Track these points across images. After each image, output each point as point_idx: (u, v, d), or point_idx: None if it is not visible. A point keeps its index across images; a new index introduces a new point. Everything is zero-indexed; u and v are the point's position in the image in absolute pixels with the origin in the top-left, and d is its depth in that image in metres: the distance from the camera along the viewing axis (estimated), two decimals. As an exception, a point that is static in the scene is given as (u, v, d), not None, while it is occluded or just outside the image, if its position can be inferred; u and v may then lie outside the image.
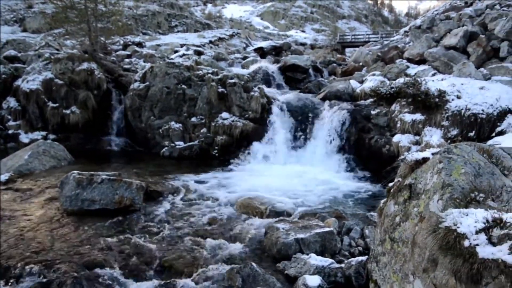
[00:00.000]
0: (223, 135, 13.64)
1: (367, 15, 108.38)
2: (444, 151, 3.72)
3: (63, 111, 14.62)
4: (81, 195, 7.20)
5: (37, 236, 6.11)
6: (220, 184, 10.09)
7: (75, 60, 15.51)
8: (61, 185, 7.43)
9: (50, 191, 8.47)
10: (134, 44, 27.96)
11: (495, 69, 13.12)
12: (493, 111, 10.13)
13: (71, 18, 17.96)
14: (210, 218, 7.42)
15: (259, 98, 14.06)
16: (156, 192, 8.55)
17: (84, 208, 7.14)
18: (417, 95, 11.11)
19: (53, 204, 7.63)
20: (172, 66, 14.98)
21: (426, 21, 21.13)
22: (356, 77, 17.14)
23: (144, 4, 54.46)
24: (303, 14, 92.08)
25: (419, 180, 3.87)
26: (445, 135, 10.29)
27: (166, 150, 13.54)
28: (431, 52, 15.75)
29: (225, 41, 38.51)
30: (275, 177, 10.79)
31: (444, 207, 3.26)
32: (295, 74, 20.67)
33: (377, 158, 11.77)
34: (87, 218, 6.98)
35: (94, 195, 7.25)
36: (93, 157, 13.15)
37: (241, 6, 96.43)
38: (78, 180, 7.36)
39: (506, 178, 3.67)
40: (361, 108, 13.29)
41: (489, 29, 15.82)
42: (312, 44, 48.14)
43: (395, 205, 4.15)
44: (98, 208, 7.20)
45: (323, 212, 7.56)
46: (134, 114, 14.68)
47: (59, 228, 6.48)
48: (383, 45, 24.73)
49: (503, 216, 2.80)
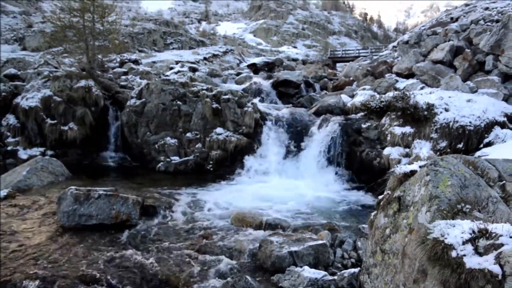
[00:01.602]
0: (218, 150, 13.64)
1: (357, 31, 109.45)
2: (431, 164, 3.75)
3: (61, 127, 14.60)
4: (79, 210, 7.16)
5: (34, 251, 6.06)
6: (214, 198, 10.05)
7: (73, 77, 15.54)
8: (58, 200, 7.38)
9: (47, 207, 8.40)
10: (131, 62, 28.10)
11: (481, 82, 13.25)
12: (481, 123, 10.22)
13: (69, 37, 18.03)
14: (205, 232, 7.39)
15: (253, 113, 14.12)
16: (152, 207, 8.50)
17: (81, 223, 7.10)
18: (406, 109, 11.19)
19: (50, 220, 7.57)
20: (168, 82, 15.03)
21: (414, 37, 21.36)
22: (347, 91, 17.26)
23: (140, 22, 54.80)
24: (294, 30, 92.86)
25: (408, 192, 3.89)
26: (434, 147, 10.36)
27: (162, 165, 13.52)
28: (419, 66, 15.90)
29: (219, 57, 38.73)
30: (269, 191, 10.78)
31: (432, 219, 3.28)
32: (287, 89, 20.77)
33: (368, 171, 11.80)
34: (84, 233, 6.93)
35: (91, 210, 7.21)
36: (90, 172, 13.09)
37: (235, 24, 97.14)
38: (75, 195, 7.31)
39: (491, 189, 3.70)
40: (352, 121, 13.36)
41: (474, 44, 16.01)
42: (304, 59, 48.53)
43: (385, 217, 4.16)
44: (95, 223, 7.15)
45: (316, 225, 7.56)
46: (130, 130, 14.68)
47: (56, 244, 6.43)
48: (373, 60, 24.95)
49: (488, 226, 2.82)
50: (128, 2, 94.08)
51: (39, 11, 57.46)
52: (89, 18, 17.65)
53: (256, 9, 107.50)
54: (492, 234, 2.74)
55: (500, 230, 2.75)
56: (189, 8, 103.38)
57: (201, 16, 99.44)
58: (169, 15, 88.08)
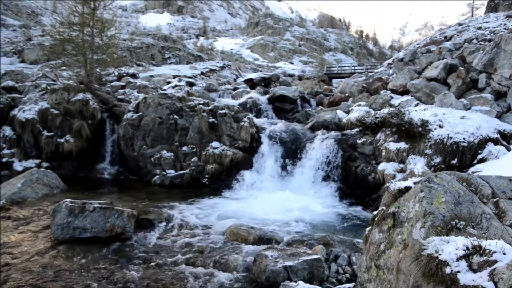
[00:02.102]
0: (214, 164, 13.62)
1: (353, 48, 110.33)
2: (425, 180, 3.75)
3: (57, 139, 14.57)
4: (73, 223, 7.10)
5: (28, 265, 6.00)
6: (210, 212, 10.02)
7: (71, 90, 15.56)
8: (53, 213, 7.33)
9: (42, 219, 8.34)
10: (128, 75, 28.17)
11: (475, 100, 13.34)
12: (474, 140, 10.26)
13: (68, 51, 18.08)
14: (200, 246, 7.33)
15: (249, 128, 14.13)
16: (147, 220, 8.45)
17: (75, 236, 7.04)
18: (401, 125, 11.23)
19: (44, 232, 7.51)
20: (165, 97, 15.05)
21: (408, 54, 21.53)
22: (343, 107, 17.31)
23: (139, 37, 55.08)
24: (291, 46, 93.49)
25: (402, 208, 3.88)
26: (428, 163, 10.38)
27: (158, 179, 13.46)
28: (414, 83, 15.99)
29: (216, 72, 38.88)
30: (264, 205, 10.74)
31: (426, 235, 3.26)
32: (283, 104, 20.84)
33: (363, 186, 11.79)
34: (78, 246, 6.87)
35: (85, 223, 7.16)
36: (86, 185, 13.02)
37: (232, 39, 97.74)
38: (70, 208, 7.27)
39: (485, 206, 3.69)
40: (347, 137, 13.38)
41: (468, 62, 16.15)
42: (300, 75, 48.71)
43: (379, 233, 4.14)
44: (90, 236, 7.09)
45: (311, 239, 7.51)
46: (127, 143, 14.65)
47: (50, 257, 6.36)
48: (368, 76, 25.13)
49: (482, 243, 2.81)
50: (127, 17, 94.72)
51: (39, 25, 57.79)
52: (88, 32, 17.73)
53: (254, 26, 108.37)
54: (486, 250, 2.73)
55: (494, 246, 2.74)
56: (187, 24, 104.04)
57: (199, 31, 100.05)
58: (167, 30, 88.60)
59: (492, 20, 29.90)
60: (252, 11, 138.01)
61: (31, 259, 6.24)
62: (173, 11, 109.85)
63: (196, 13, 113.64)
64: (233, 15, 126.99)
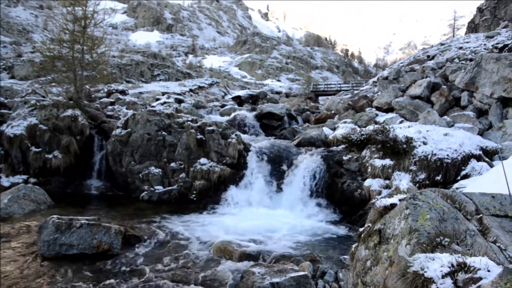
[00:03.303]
0: (201, 180, 13.53)
1: (339, 66, 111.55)
2: (410, 197, 3.75)
3: (45, 155, 14.37)
4: (59, 239, 6.97)
5: (13, 282, 5.85)
6: (197, 228, 9.92)
7: (60, 107, 15.41)
8: (39, 229, 7.18)
9: (28, 236, 8.18)
10: (118, 92, 28.07)
11: (457, 117, 13.49)
12: (458, 156, 10.34)
13: (58, 67, 17.96)
14: (187, 262, 7.24)
15: (236, 145, 14.10)
16: (135, 237, 8.33)
17: (62, 253, 6.90)
18: (386, 142, 11.29)
19: (30, 249, 7.35)
20: (153, 113, 15.00)
21: (393, 73, 21.79)
22: (329, 124, 17.40)
23: (128, 54, 55.10)
24: (278, 64, 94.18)
25: (388, 225, 3.87)
26: (413, 179, 10.41)
27: (146, 194, 13.32)
28: (398, 101, 16.15)
29: (204, 89, 38.94)
30: (252, 221, 10.66)
31: (412, 252, 3.25)
32: (270, 121, 20.90)
33: (349, 202, 11.77)
34: (64, 263, 6.72)
35: (72, 239, 7.02)
36: (73, 201, 12.82)
37: (220, 57, 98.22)
38: (57, 224, 7.13)
39: (469, 223, 3.70)
40: (333, 154, 13.41)
41: (450, 80, 16.38)
42: (287, 92, 49.02)
43: (366, 249, 4.12)
44: (76, 253, 6.96)
45: (298, 256, 7.46)
46: (115, 159, 14.51)
47: (35, 274, 6.22)
48: (354, 94, 25.36)
49: (467, 260, 2.80)
50: (117, 35, 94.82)
51: (30, 42, 57.55)
52: (78, 49, 17.66)
53: (242, 44, 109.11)
54: (471, 267, 2.72)
55: (478, 263, 2.73)
56: (176, 42, 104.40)
57: (188, 49, 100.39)
58: (157, 47, 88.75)
59: (473, 40, 30.50)
60: (240, 30, 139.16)
61: (16, 276, 6.09)
62: (163, 29, 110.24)
63: (185, 32, 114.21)
64: (221, 34, 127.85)
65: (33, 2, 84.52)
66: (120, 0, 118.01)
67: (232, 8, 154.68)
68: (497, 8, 52.92)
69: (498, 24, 46.02)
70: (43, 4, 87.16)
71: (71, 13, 17.87)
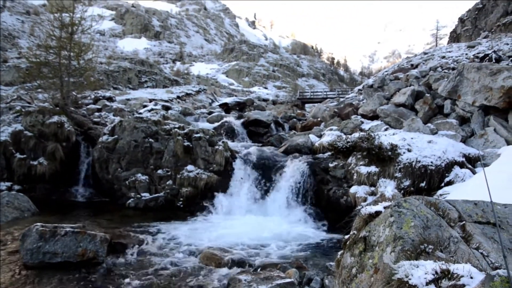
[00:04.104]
0: (188, 187, 13.45)
1: (325, 74, 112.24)
2: (395, 205, 3.76)
3: (30, 162, 14.15)
4: (43, 248, 6.84)
5: (-5, 291, 5.73)
6: (184, 235, 9.83)
7: (46, 113, 15.23)
8: (22, 237, 7.04)
9: (10, 244, 8.01)
10: (105, 99, 27.83)
11: (441, 124, 13.63)
12: (441, 163, 10.42)
13: (44, 73, 17.75)
14: (173, 270, 7.17)
15: (223, 152, 14.06)
16: (120, 244, 8.22)
17: (45, 261, 6.77)
18: (372, 149, 11.34)
19: (13, 257, 7.20)
20: (141, 120, 14.90)
21: (378, 81, 21.96)
22: (315, 131, 17.43)
23: (116, 61, 54.80)
24: (265, 72, 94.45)
25: (373, 232, 3.87)
26: (398, 185, 10.46)
27: (132, 202, 13.19)
28: (383, 109, 16.26)
29: (192, 96, 38.81)
30: (238, 228, 10.62)
31: (396, 259, 3.25)
32: (257, 128, 20.88)
33: (335, 209, 11.79)
34: (48, 271, 6.60)
35: (56, 248, 6.90)
36: (58, 208, 12.64)
37: (208, 64, 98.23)
38: (40, 232, 7.01)
39: (452, 230, 3.71)
40: (319, 161, 13.43)
41: (433, 89, 16.57)
42: (274, 100, 49.09)
43: (351, 257, 4.11)
44: (60, 261, 6.83)
45: (284, 263, 7.43)
46: (101, 165, 14.36)
47: (17, 283, 6.09)
48: (339, 102, 25.50)
49: (450, 267, 2.81)
50: (105, 41, 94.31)
51: (16, 47, 56.88)
52: (65, 56, 17.49)
53: (229, 52, 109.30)
54: (454, 275, 2.73)
55: (462, 270, 2.74)
56: (164, 49, 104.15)
57: (176, 56, 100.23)
58: (144, 54, 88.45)
59: (455, 50, 30.98)
60: (227, 37, 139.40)
61: (-2, 285, 5.96)
62: (151, 36, 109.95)
63: (173, 39, 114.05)
64: (209, 41, 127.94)
65: (19, 7, 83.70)
66: (108, 7, 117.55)
67: (219, 16, 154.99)
68: (477, 18, 53.82)
69: (479, 34, 46.77)
70: (30, 10, 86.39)
71: (58, 20, 17.71)
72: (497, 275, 2.45)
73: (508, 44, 25.85)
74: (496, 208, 4.04)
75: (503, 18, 45.41)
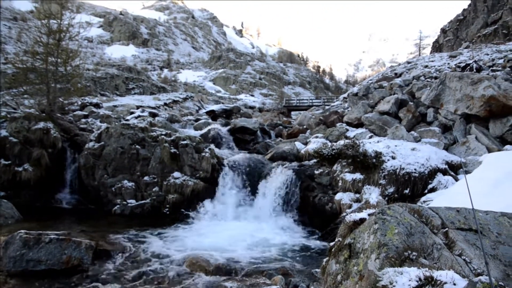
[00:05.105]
0: (175, 194, 13.34)
1: (311, 82, 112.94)
2: (379, 212, 3.76)
3: (15, 168, 13.89)
4: (27, 255, 6.69)
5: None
6: (170, 241, 9.74)
7: (31, 119, 15.00)
8: (5, 245, 6.89)
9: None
10: (92, 105, 27.57)
11: (424, 132, 13.75)
12: (424, 170, 10.50)
13: (31, 79, 17.51)
14: (159, 277, 7.07)
15: (210, 159, 14.00)
16: (106, 251, 8.10)
17: (29, 269, 6.62)
18: (356, 156, 11.38)
19: (-4, 265, 7.04)
20: (127, 127, 14.77)
21: (362, 89, 22.15)
22: (301, 139, 17.47)
23: (103, 67, 54.47)
24: (252, 80, 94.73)
25: (358, 240, 3.87)
26: (383, 192, 10.50)
27: (118, 208, 13.02)
28: (368, 116, 16.36)
29: (179, 103, 38.66)
30: (224, 235, 10.55)
31: (381, 266, 3.24)
32: (244, 135, 20.86)
33: (321, 215, 11.78)
34: (31, 279, 6.46)
35: (40, 255, 6.76)
36: (44, 215, 12.43)
37: (195, 72, 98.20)
38: (24, 239, 6.86)
39: (435, 236, 3.73)
40: (305, 168, 13.44)
41: (417, 97, 16.74)
42: (260, 107, 49.21)
43: (336, 264, 4.10)
44: (44, 269, 6.69)
45: (270, 270, 7.39)
46: (87, 172, 14.17)
47: (1, 291, 5.96)
48: (325, 109, 25.65)
49: (434, 274, 2.82)
50: (93, 48, 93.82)
51: (2, 53, 56.19)
52: (52, 62, 17.30)
53: (216, 59, 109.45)
54: (437, 281, 2.74)
55: (445, 277, 2.75)
56: (152, 56, 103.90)
57: (164, 63, 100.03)
58: (132, 61, 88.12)
59: (437, 59, 31.43)
60: (215, 45, 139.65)
61: (-20, 294, 5.82)
62: (139, 43, 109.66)
63: (161, 46, 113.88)
64: (196, 49, 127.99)
65: (7, 13, 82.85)
66: (97, 14, 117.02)
67: (207, 25, 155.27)
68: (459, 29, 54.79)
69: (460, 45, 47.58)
70: (17, 16, 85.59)
71: (46, 26, 17.53)
72: (480, 281, 2.46)
73: (488, 55, 26.31)
74: (477, 215, 4.07)
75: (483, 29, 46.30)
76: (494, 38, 42.68)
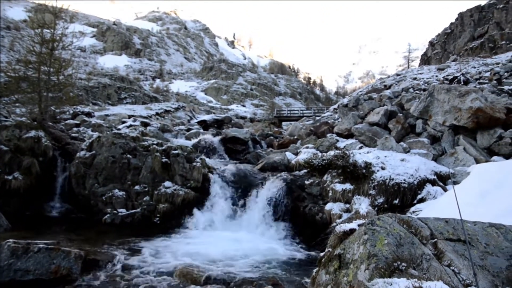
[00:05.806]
0: (166, 203, 13.23)
1: (301, 93, 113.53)
2: (369, 223, 3.75)
3: (5, 176, 13.71)
4: (15, 265, 6.57)
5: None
6: (160, 251, 9.62)
7: (23, 127, 14.87)
8: (-7, 254, 6.77)
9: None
10: (84, 114, 27.47)
11: (413, 143, 13.84)
12: (414, 181, 10.54)
13: (23, 88, 17.40)
14: (149, 287, 6.97)
15: (201, 168, 13.95)
16: (95, 261, 7.98)
17: (16, 279, 6.49)
18: (346, 167, 11.40)
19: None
20: (119, 136, 14.68)
21: (352, 100, 22.28)
22: (292, 149, 17.50)
23: (96, 77, 54.34)
24: (243, 90, 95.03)
25: (348, 250, 3.85)
26: (372, 203, 10.51)
27: (109, 217, 12.88)
28: (357, 127, 16.45)
29: (171, 113, 38.62)
30: (215, 245, 10.45)
31: (370, 277, 3.23)
32: (235, 145, 20.84)
33: (311, 225, 11.75)
34: (19, 289, 6.34)
35: (28, 265, 6.64)
36: (33, 224, 12.27)
37: (187, 82, 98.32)
38: (12, 249, 6.74)
39: (424, 247, 3.72)
40: (296, 178, 13.43)
41: (406, 109, 16.88)
42: (252, 117, 49.35)
43: (326, 274, 4.07)
44: (32, 279, 6.56)
45: (260, 280, 7.32)
46: (78, 181, 14.03)
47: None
48: (315, 120, 25.73)
49: (423, 285, 2.81)
50: (85, 58, 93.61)
51: (-6, 62, 55.77)
52: (45, 71, 17.21)
53: (208, 70, 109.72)
54: (427, 293, 2.72)
55: (434, 288, 2.73)
56: (144, 66, 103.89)
57: (156, 74, 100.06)
58: (125, 71, 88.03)
59: (426, 72, 31.78)
60: (207, 56, 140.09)
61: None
62: (131, 53, 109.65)
63: (153, 56, 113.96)
64: (189, 60, 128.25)
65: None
66: (90, 24, 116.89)
67: (199, 36, 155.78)
68: (446, 42, 55.52)
69: (448, 58, 48.19)
70: (10, 25, 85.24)
71: (39, 35, 17.47)
72: (469, 293, 2.45)
73: (475, 68, 26.67)
74: (466, 226, 4.08)
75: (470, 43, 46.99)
76: (480, 51, 43.36)
